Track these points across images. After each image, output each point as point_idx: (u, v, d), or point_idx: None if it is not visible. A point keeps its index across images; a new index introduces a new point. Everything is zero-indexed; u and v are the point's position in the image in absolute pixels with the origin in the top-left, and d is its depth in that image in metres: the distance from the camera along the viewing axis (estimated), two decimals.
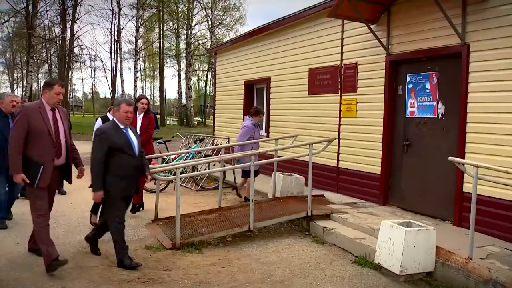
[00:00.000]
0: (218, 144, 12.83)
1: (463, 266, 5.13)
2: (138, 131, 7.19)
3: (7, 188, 7.23)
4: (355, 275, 5.60)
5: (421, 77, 7.70)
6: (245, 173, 9.00)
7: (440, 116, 7.38)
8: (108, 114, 7.50)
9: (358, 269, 5.83)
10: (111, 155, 5.51)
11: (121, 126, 5.70)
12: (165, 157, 10.42)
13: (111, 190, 5.54)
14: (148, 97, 10.44)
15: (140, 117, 8.12)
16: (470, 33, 6.72)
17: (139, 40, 44.38)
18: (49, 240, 5.30)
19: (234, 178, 10.94)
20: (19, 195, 8.09)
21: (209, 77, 53.24)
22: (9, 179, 7.22)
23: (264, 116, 12.72)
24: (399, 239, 5.38)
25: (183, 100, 46.61)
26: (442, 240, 5.67)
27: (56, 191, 9.52)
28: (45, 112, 5.36)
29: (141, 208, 8.29)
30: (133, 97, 45.44)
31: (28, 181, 5.23)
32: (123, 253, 5.62)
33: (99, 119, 7.57)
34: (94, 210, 7.31)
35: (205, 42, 46.33)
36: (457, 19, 6.80)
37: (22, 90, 45.60)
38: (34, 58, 39.38)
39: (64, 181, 5.97)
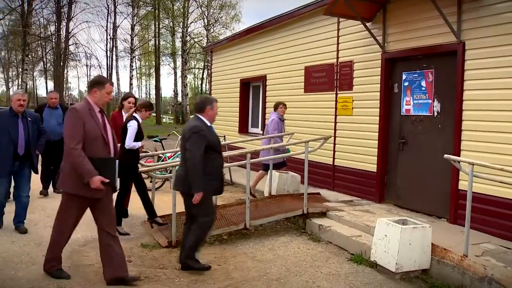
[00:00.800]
0: None
1: (459, 263, 5.15)
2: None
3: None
4: (351, 273, 5.61)
5: (416, 75, 7.71)
6: (265, 166, 9.13)
7: (435, 114, 7.39)
8: (135, 114, 7.10)
9: (354, 267, 5.84)
10: (205, 155, 5.30)
11: (209, 124, 5.55)
12: (161, 155, 10.41)
13: (205, 190, 5.31)
14: (144, 96, 10.37)
15: (126, 117, 7.39)
16: (466, 31, 6.73)
17: (134, 38, 44.25)
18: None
19: (230, 176, 10.94)
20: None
21: (205, 75, 53.14)
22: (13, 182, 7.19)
23: (260, 114, 12.78)
24: (395, 236, 5.39)
25: (179, 98, 46.61)
26: (437, 238, 5.68)
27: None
28: (95, 115, 4.85)
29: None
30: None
31: (107, 181, 4.73)
32: (194, 254, 5.53)
33: (134, 122, 6.97)
34: (119, 221, 6.97)
35: (201, 40, 46.28)
36: (452, 17, 6.80)
37: (18, 88, 45.42)
38: (30, 56, 39.20)
39: None
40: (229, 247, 6.53)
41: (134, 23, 43.15)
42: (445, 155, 5.58)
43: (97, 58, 71.09)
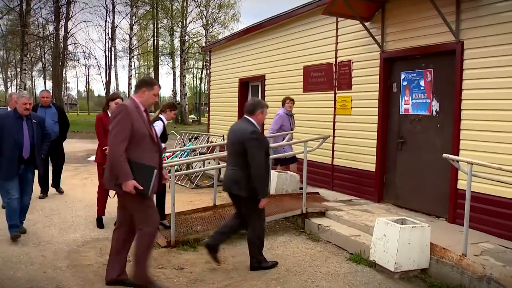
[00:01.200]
0: (213, 142, 12.82)
1: (458, 262, 5.15)
2: None
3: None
4: (350, 272, 5.61)
5: (415, 74, 7.72)
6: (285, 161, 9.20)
7: (434, 113, 7.40)
8: (160, 115, 7.12)
9: (353, 266, 5.84)
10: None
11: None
12: None
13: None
14: None
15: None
16: (464, 31, 6.74)
17: (133, 38, 44.28)
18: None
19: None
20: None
21: (203, 75, 53.19)
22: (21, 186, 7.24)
23: None
24: (393, 236, 5.40)
25: (178, 98, 46.57)
26: (436, 237, 5.68)
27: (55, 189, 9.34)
28: (142, 114, 4.81)
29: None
30: (127, 96, 45.40)
31: (141, 188, 4.58)
32: (261, 254, 5.68)
33: (160, 122, 7.02)
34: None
35: (200, 39, 46.31)
36: (451, 16, 6.81)
37: (16, 89, 45.38)
38: (28, 56, 39.23)
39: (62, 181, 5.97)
40: (228, 247, 6.52)
41: (133, 22, 43.20)
42: (444, 155, 5.58)
43: (95, 58, 71.12)
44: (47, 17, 42.16)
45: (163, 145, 6.95)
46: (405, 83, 7.92)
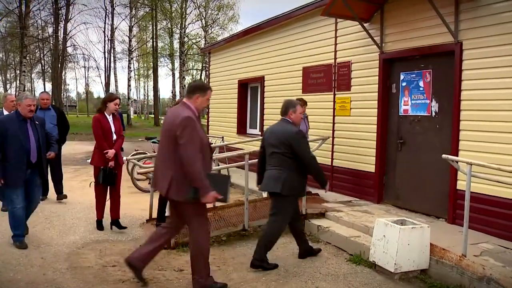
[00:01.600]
0: (212, 143, 12.80)
1: (457, 263, 5.15)
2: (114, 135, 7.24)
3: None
4: (350, 273, 5.61)
5: (414, 75, 7.72)
6: None
7: (433, 114, 7.40)
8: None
9: (353, 267, 5.83)
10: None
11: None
12: None
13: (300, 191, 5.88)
14: (142, 97, 10.37)
15: (110, 119, 7.27)
16: (463, 31, 6.74)
17: (132, 40, 44.27)
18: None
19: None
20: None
21: (203, 76, 53.16)
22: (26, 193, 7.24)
23: (258, 115, 12.77)
24: (393, 237, 5.40)
25: (177, 99, 46.50)
26: (436, 238, 5.68)
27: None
28: (199, 121, 4.73)
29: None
30: (127, 97, 45.44)
31: (221, 197, 4.64)
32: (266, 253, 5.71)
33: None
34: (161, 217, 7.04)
35: (199, 41, 46.29)
36: (450, 17, 6.81)
37: (16, 90, 45.41)
38: (28, 58, 39.26)
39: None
40: (228, 249, 6.53)
41: (132, 24, 43.17)
42: (443, 155, 5.58)
43: (95, 60, 71.08)
44: (46, 19, 42.14)
45: None
46: (404, 84, 7.93)
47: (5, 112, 7.87)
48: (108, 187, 7.14)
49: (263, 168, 5.90)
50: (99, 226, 7.26)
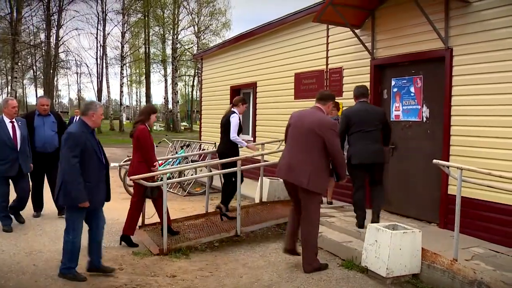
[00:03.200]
0: (204, 149, 12.82)
1: (449, 267, 5.18)
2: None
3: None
4: (342, 278, 5.63)
5: (405, 81, 7.78)
6: None
7: (424, 119, 7.45)
8: (233, 109, 7.84)
9: (345, 272, 5.85)
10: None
11: None
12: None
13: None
14: (135, 103, 10.34)
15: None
16: (453, 38, 6.81)
17: (125, 46, 44.23)
18: None
19: (221, 183, 10.92)
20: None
21: (195, 82, 53.21)
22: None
23: (250, 120, 12.78)
24: (385, 242, 5.42)
25: (170, 106, 46.54)
26: (428, 242, 5.72)
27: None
28: None
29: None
30: (119, 103, 45.30)
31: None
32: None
33: (236, 115, 7.73)
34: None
35: (191, 47, 46.37)
36: (440, 23, 6.88)
37: (7, 96, 45.19)
38: (19, 64, 39.10)
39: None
40: (220, 254, 6.53)
41: (125, 30, 43.15)
42: (434, 160, 5.62)
43: (87, 66, 70.69)
44: (38, 25, 42.13)
45: (244, 143, 7.90)
46: (395, 89, 7.98)
47: (6, 119, 7.35)
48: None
49: None
50: (132, 243, 6.78)
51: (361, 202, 6.82)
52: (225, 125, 7.72)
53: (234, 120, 7.64)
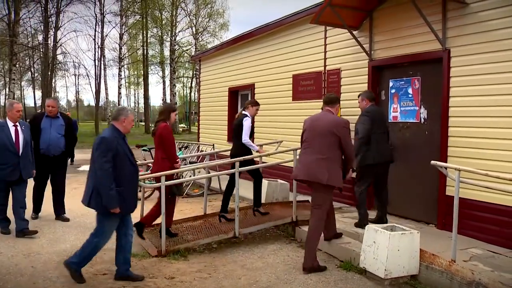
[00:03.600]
0: (203, 151, 12.82)
1: (447, 268, 5.19)
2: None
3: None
4: (341, 280, 5.63)
5: (403, 82, 7.79)
6: None
7: (422, 120, 7.47)
8: (244, 111, 7.94)
9: (344, 274, 5.85)
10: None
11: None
12: (150, 164, 10.37)
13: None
14: (133, 105, 10.34)
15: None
16: (451, 39, 6.83)
17: (123, 47, 44.19)
18: None
19: (219, 184, 10.94)
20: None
21: (193, 84, 53.19)
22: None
23: None
24: (383, 243, 5.43)
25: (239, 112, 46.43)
26: (426, 243, 5.73)
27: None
28: None
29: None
30: (117, 105, 45.26)
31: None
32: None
33: (248, 118, 7.83)
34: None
35: (189, 48, 46.36)
36: (437, 24, 6.90)
37: (5, 98, 45.11)
38: (17, 65, 39.00)
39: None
40: (218, 256, 6.53)
41: (123, 32, 43.10)
42: (432, 162, 5.62)
43: (85, 67, 70.75)
44: (36, 27, 42.04)
45: (256, 147, 7.96)
46: (393, 91, 7.99)
47: (9, 123, 7.17)
48: None
49: None
50: (141, 232, 6.87)
51: (365, 201, 7.03)
52: (237, 128, 7.76)
53: (246, 123, 7.70)
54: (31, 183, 7.85)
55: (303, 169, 6.06)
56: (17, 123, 7.25)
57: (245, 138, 7.65)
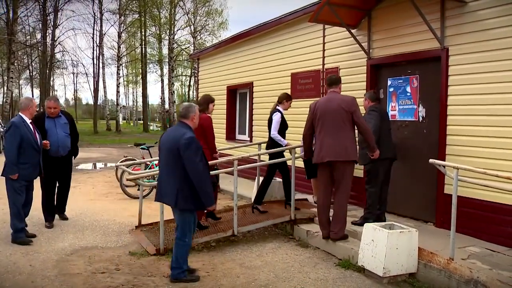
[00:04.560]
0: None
1: (445, 266, 5.20)
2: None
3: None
4: (339, 278, 5.64)
5: (401, 81, 7.79)
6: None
7: (421, 119, 7.47)
8: (278, 107, 8.10)
9: (342, 272, 5.86)
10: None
11: None
12: (148, 163, 10.39)
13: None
14: (131, 103, 10.33)
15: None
16: (449, 37, 6.83)
17: (121, 46, 44.16)
18: None
19: (218, 182, 10.92)
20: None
21: (192, 82, 53.17)
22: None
23: (247, 120, 12.79)
24: (381, 241, 5.44)
25: (166, 106, 46.48)
26: (424, 242, 5.74)
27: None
28: None
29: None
30: (116, 103, 45.25)
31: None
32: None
33: (278, 113, 7.99)
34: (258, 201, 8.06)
35: (188, 47, 46.33)
36: (436, 23, 6.90)
37: (3, 97, 45.06)
38: (15, 64, 38.96)
39: None
40: (217, 254, 6.53)
41: (121, 30, 43.08)
42: (430, 160, 5.64)
43: (83, 66, 70.70)
44: (35, 25, 41.99)
45: (285, 141, 8.00)
46: (391, 89, 7.99)
47: (26, 119, 6.88)
48: None
49: None
50: (215, 217, 7.56)
51: (377, 201, 7.11)
52: (269, 122, 8.06)
53: (276, 118, 7.95)
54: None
55: (324, 150, 6.32)
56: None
57: (273, 132, 7.91)
